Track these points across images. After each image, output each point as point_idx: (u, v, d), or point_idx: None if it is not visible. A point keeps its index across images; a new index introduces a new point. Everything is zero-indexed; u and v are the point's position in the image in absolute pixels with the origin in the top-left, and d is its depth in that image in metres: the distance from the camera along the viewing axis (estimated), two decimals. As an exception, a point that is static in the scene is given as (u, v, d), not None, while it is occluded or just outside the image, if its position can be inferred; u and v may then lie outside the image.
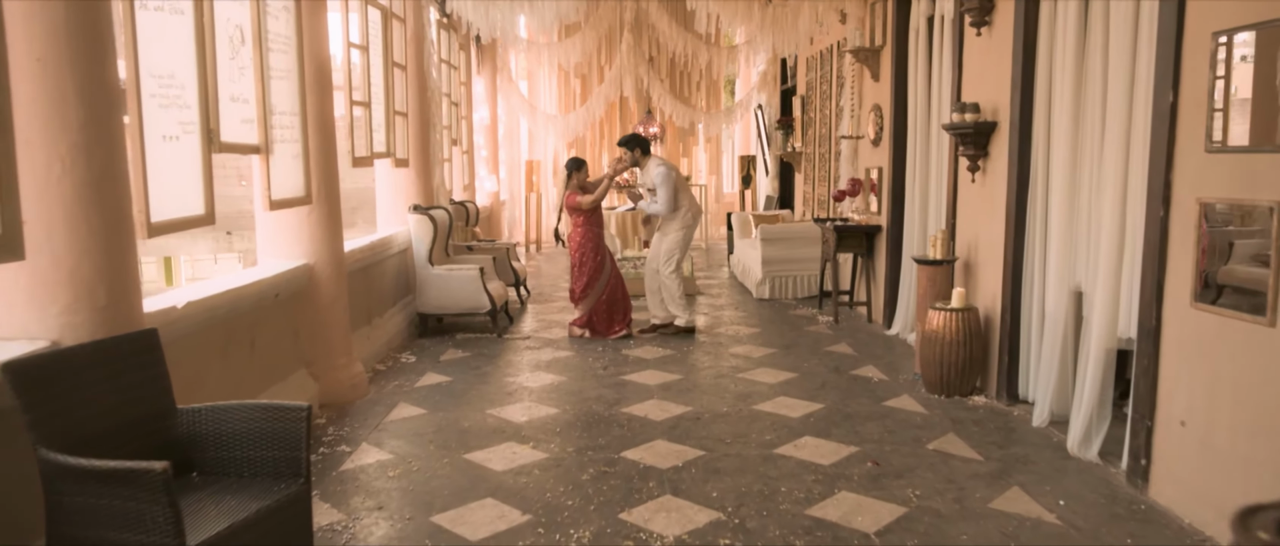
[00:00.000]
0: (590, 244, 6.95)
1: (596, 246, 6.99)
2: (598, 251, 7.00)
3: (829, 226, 7.56)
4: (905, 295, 6.85)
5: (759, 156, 13.23)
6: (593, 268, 6.96)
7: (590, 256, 6.95)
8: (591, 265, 6.96)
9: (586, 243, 6.93)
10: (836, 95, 8.71)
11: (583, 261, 6.94)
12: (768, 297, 8.72)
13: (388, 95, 6.68)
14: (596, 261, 6.98)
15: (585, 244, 6.93)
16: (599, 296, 6.99)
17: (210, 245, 19.63)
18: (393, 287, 6.99)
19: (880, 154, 7.34)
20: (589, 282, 6.96)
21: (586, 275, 6.94)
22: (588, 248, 6.94)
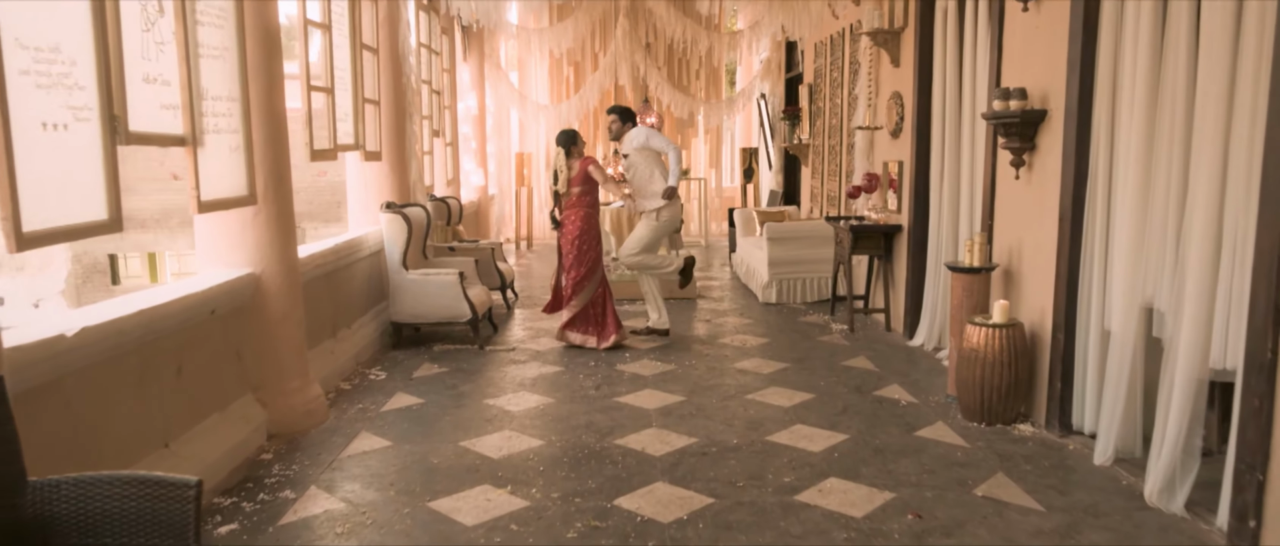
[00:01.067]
0: (591, 233, 6.30)
1: (596, 238, 6.35)
2: (597, 243, 6.35)
3: (843, 226, 6.90)
4: (931, 303, 6.20)
5: (762, 149, 12.56)
6: (592, 260, 6.31)
7: (590, 246, 6.29)
8: (591, 257, 6.30)
9: (587, 229, 6.29)
10: (850, 83, 8.04)
11: (583, 252, 6.28)
12: (775, 302, 8.06)
13: (356, 81, 6.00)
14: (595, 254, 6.33)
15: (587, 232, 6.28)
16: (593, 294, 6.34)
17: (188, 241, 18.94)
18: (363, 294, 6.32)
19: (900, 146, 6.68)
20: (586, 276, 6.29)
21: (585, 266, 6.28)
22: (589, 236, 6.29)
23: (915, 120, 6.30)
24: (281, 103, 4.44)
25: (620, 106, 6.59)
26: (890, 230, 6.77)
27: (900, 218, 6.71)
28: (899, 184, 6.69)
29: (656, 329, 6.62)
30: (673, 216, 6.48)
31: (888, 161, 6.94)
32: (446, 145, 9.01)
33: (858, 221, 6.99)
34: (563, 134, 6.36)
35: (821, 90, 9.29)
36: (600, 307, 6.34)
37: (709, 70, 12.60)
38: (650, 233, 6.45)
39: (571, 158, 6.29)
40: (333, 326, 5.66)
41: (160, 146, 3.48)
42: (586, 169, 6.21)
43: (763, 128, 12.27)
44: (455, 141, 9.50)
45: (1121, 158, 3.87)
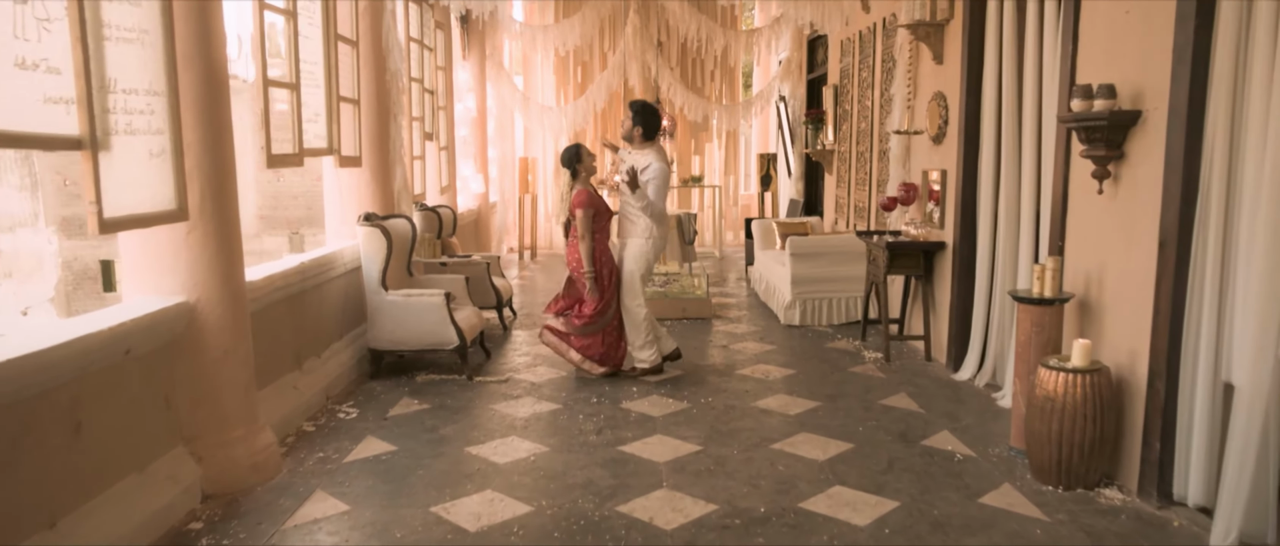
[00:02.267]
0: (604, 265, 5.59)
1: (611, 267, 5.64)
2: (611, 272, 5.63)
3: (878, 242, 6.15)
4: (980, 332, 5.44)
5: (781, 155, 11.81)
6: (609, 293, 5.59)
7: (605, 275, 5.57)
8: (607, 289, 5.58)
9: (606, 251, 5.59)
10: (882, 82, 7.29)
11: (605, 276, 5.57)
12: (798, 324, 7.31)
13: (329, 76, 5.29)
14: (611, 285, 5.61)
15: (603, 264, 5.57)
16: (610, 322, 5.63)
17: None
18: (337, 317, 5.61)
19: (943, 153, 5.93)
20: (602, 309, 5.58)
21: (604, 299, 5.57)
22: (604, 268, 5.57)
23: (962, 124, 5.55)
24: (223, 99, 3.74)
25: (645, 104, 5.74)
26: (931, 247, 6.02)
27: (943, 234, 5.95)
28: (942, 196, 5.94)
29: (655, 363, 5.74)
30: (654, 248, 5.68)
31: (928, 170, 6.19)
32: (440, 149, 8.31)
33: (894, 237, 6.24)
34: (567, 151, 5.64)
35: (848, 91, 8.54)
36: (615, 335, 5.63)
37: (725, 70, 11.87)
38: (634, 265, 5.64)
39: (577, 179, 5.57)
40: (297, 356, 4.94)
41: (44, 150, 2.77)
42: (575, 207, 5.48)
43: (782, 132, 11.53)
44: (452, 145, 8.81)
45: (1249, 169, 3.12)
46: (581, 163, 5.56)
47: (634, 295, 5.64)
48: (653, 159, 5.60)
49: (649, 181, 5.53)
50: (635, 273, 5.62)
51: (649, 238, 5.61)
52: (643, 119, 5.66)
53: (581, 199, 5.45)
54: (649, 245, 5.63)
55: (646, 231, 5.59)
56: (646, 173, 5.55)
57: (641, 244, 5.61)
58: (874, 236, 6.45)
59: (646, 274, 5.71)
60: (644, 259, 5.64)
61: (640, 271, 5.65)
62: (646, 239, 5.61)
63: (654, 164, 5.58)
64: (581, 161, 5.56)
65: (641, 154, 5.63)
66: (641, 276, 5.65)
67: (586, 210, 5.44)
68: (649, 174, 5.55)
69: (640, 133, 5.66)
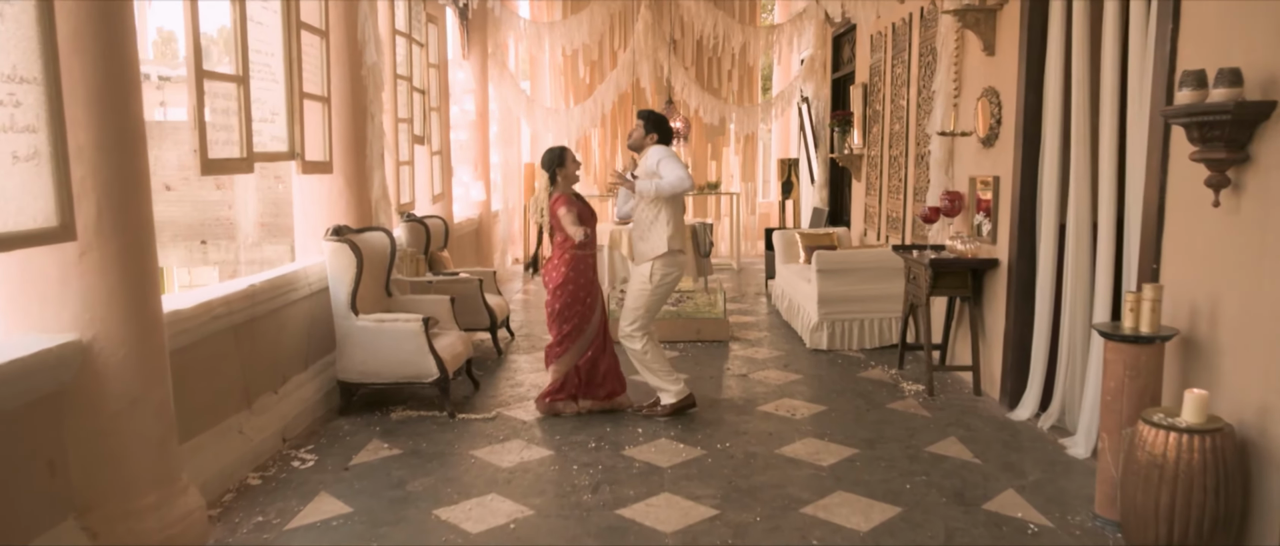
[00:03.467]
0: (581, 279, 4.85)
1: (589, 284, 4.89)
2: (590, 291, 4.90)
3: (919, 259, 5.39)
4: (1041, 364, 4.68)
5: (803, 160, 11.06)
6: (580, 314, 4.87)
7: (580, 297, 4.85)
8: (580, 310, 4.86)
9: (575, 277, 4.84)
10: (920, 78, 6.54)
11: (569, 305, 4.84)
12: (825, 348, 6.55)
13: (290, 70, 4.61)
14: (587, 305, 4.88)
15: (572, 279, 4.83)
16: (582, 354, 4.90)
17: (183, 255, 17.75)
18: (301, 346, 4.91)
19: (996, 157, 5.17)
20: (572, 334, 4.86)
21: (572, 322, 4.85)
22: (578, 284, 4.84)
23: (1021, 123, 4.79)
24: (132, 92, 3.04)
25: (653, 113, 5.02)
26: (980, 265, 5.25)
27: (995, 250, 5.19)
28: (993, 206, 5.17)
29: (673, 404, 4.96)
30: (671, 273, 4.94)
31: (976, 177, 5.43)
32: (433, 154, 7.62)
33: (937, 253, 5.48)
34: (550, 153, 4.92)
35: (879, 90, 7.79)
36: (586, 369, 4.90)
37: (743, 70, 11.13)
38: (645, 296, 4.91)
39: (556, 185, 4.86)
40: (246, 394, 4.25)
41: None
42: (556, 212, 4.79)
43: (804, 135, 10.78)
44: (446, 150, 8.12)
45: None
46: (563, 168, 4.84)
47: (633, 329, 4.90)
48: (658, 151, 4.89)
49: (660, 161, 4.81)
50: (645, 299, 4.89)
51: (668, 253, 4.85)
52: (655, 125, 4.95)
53: (561, 199, 4.77)
54: (666, 264, 4.87)
55: (665, 245, 4.84)
56: (652, 159, 4.85)
57: (657, 263, 4.86)
58: (913, 252, 5.69)
59: (653, 309, 4.96)
60: (660, 282, 4.88)
61: (656, 297, 4.91)
62: (665, 255, 4.85)
63: (660, 151, 4.87)
64: (564, 166, 4.84)
65: (650, 155, 4.91)
66: (644, 311, 4.91)
67: (569, 207, 4.74)
68: (655, 157, 4.84)
69: (655, 139, 4.95)
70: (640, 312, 4.91)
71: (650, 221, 4.88)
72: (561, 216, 4.75)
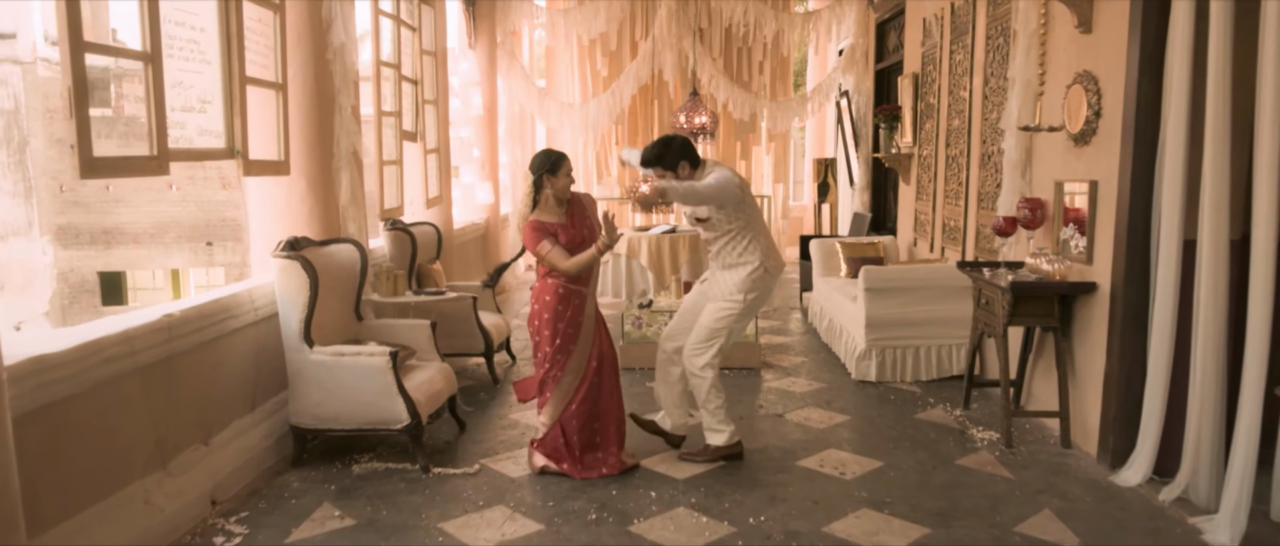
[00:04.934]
0: (562, 311, 3.93)
1: (571, 317, 3.96)
2: (572, 323, 3.97)
3: (994, 280, 4.44)
4: (1156, 416, 3.73)
5: (841, 159, 10.10)
6: (562, 348, 3.95)
7: (560, 329, 3.93)
8: (559, 342, 3.94)
9: (553, 307, 3.92)
10: (988, 64, 5.58)
11: (547, 339, 3.93)
12: (873, 379, 5.62)
13: (229, 48, 3.77)
14: (566, 336, 3.95)
15: (549, 309, 3.92)
16: (570, 398, 3.99)
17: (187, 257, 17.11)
18: (244, 383, 4.07)
19: (1093, 157, 4.22)
20: (551, 370, 3.95)
21: (549, 360, 3.94)
22: (557, 316, 3.92)
23: (1132, 116, 3.83)
24: None
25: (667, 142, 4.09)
26: (1071, 289, 4.29)
27: (1091, 271, 4.23)
28: (1089, 217, 4.22)
29: (724, 449, 4.15)
30: (761, 293, 4.11)
31: (1063, 181, 4.48)
32: (428, 153, 6.77)
33: (1014, 272, 4.53)
34: (542, 156, 3.97)
35: (933, 81, 6.83)
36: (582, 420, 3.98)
37: (776, 61, 10.18)
38: (728, 318, 4.06)
39: (535, 200, 3.94)
40: (160, 451, 3.41)
41: None
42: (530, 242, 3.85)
43: (842, 133, 9.82)
44: (444, 148, 7.27)
45: None
46: (554, 178, 3.91)
47: (706, 352, 4.07)
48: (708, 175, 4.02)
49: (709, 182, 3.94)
50: (729, 322, 4.06)
51: (752, 272, 4.03)
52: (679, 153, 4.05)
53: (532, 232, 3.84)
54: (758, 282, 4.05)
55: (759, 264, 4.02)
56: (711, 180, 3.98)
57: (747, 280, 4.02)
58: (984, 270, 4.74)
59: (735, 334, 4.13)
60: (749, 302, 4.06)
61: (742, 321, 4.10)
62: (749, 273, 4.03)
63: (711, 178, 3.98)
64: (555, 176, 3.91)
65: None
66: (725, 335, 4.08)
67: (543, 234, 3.83)
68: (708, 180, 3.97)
69: (688, 167, 4.08)
70: (720, 338, 4.07)
71: (739, 248, 4.06)
72: (542, 252, 3.82)
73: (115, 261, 16.23)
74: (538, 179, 3.89)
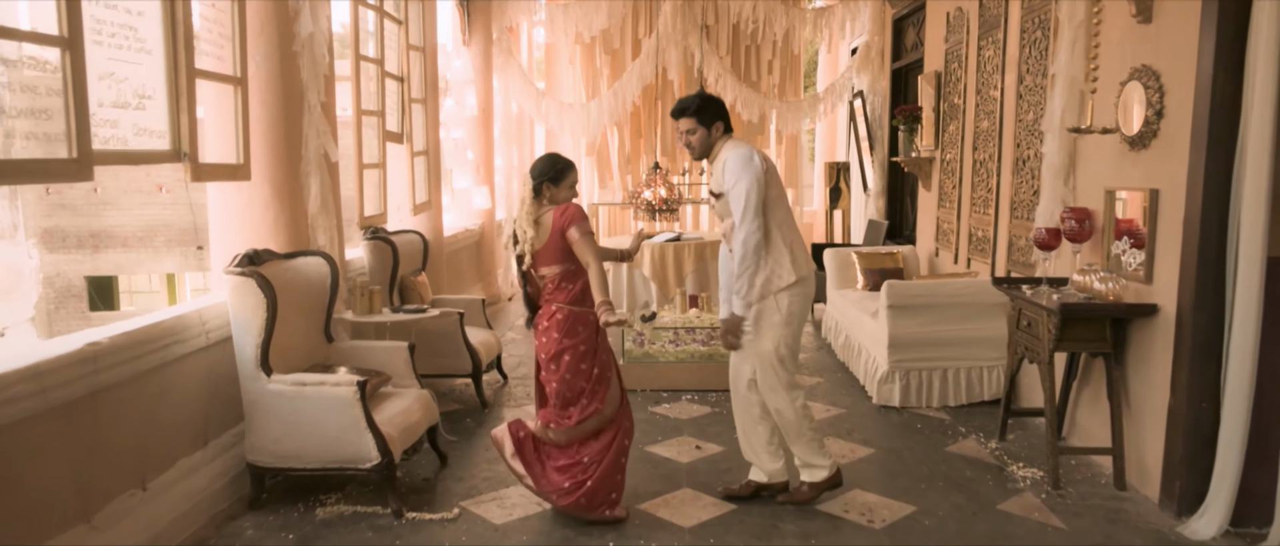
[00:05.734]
0: (597, 337, 3.48)
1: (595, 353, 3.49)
2: (606, 347, 3.52)
3: (1038, 298, 3.96)
4: (1233, 460, 3.25)
5: (854, 163, 9.63)
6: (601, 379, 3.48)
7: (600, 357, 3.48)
8: (598, 372, 3.48)
9: (592, 335, 3.46)
10: (1023, 61, 5.10)
11: (580, 373, 3.45)
12: (896, 404, 5.14)
13: (174, 35, 3.30)
14: (604, 363, 3.50)
15: (584, 340, 3.45)
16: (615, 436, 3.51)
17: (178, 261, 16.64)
18: (195, 416, 3.60)
19: (1153, 162, 3.74)
20: (591, 410, 3.47)
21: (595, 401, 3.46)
22: (591, 343, 3.46)
23: (1206, 117, 3.35)
24: None
25: (703, 98, 3.60)
26: (1127, 312, 3.81)
27: (1150, 291, 3.75)
28: (1149, 230, 3.74)
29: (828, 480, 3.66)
30: (799, 303, 3.56)
31: (1116, 189, 4.00)
32: (415, 155, 6.30)
33: (1056, 288, 4.05)
34: (545, 161, 3.50)
35: (958, 79, 6.35)
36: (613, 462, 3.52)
37: (786, 59, 9.71)
38: (780, 336, 3.52)
39: (543, 201, 3.47)
40: (84, 501, 2.93)
41: None
42: (565, 229, 3.38)
43: (855, 135, 9.34)
44: (434, 150, 6.80)
45: None
46: (557, 186, 3.44)
47: (780, 384, 3.54)
48: (727, 155, 3.51)
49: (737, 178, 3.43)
50: (783, 339, 3.53)
51: (788, 288, 3.50)
52: (713, 111, 3.56)
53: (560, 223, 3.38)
54: (791, 294, 3.51)
55: (789, 273, 3.50)
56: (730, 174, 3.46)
57: (781, 297, 3.51)
58: (1024, 288, 4.26)
59: (794, 346, 3.59)
60: (790, 313, 3.53)
61: (794, 332, 3.56)
62: (785, 290, 3.50)
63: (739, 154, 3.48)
64: (558, 184, 3.44)
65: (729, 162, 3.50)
66: (786, 353, 3.55)
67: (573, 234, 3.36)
68: (732, 169, 3.45)
69: (722, 130, 3.58)
70: (786, 356, 3.54)
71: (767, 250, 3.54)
72: (573, 237, 3.36)
73: (104, 266, 15.79)
74: (538, 186, 3.41)
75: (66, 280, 15.65)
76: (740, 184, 3.39)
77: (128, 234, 15.65)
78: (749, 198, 3.38)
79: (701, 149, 3.57)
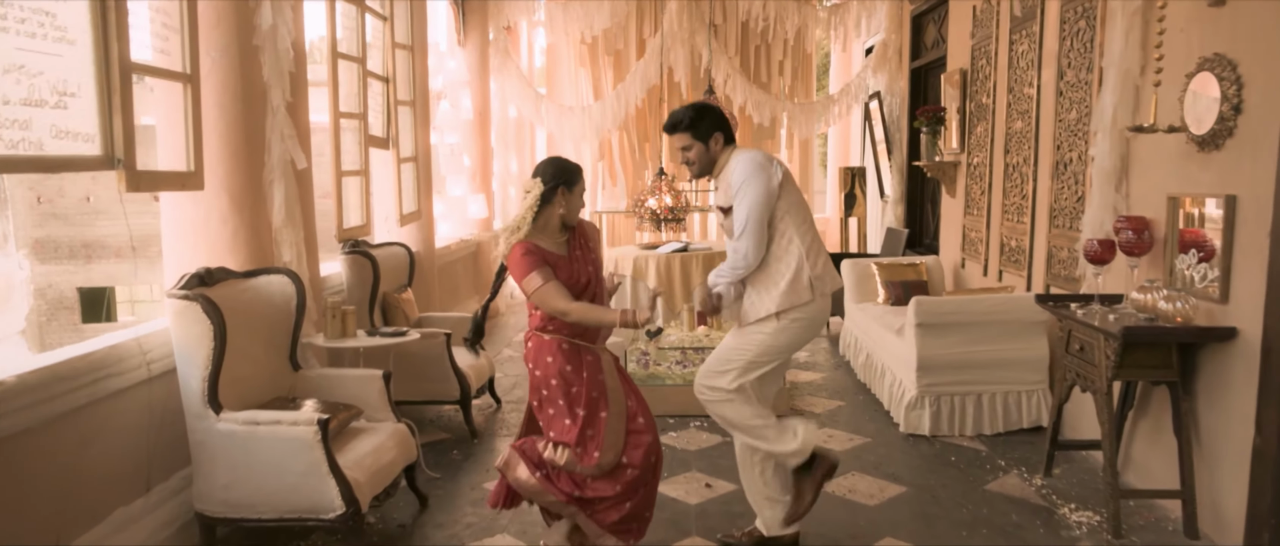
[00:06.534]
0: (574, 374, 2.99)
1: (589, 379, 3.02)
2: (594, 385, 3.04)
3: (1090, 320, 3.49)
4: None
5: (871, 168, 9.17)
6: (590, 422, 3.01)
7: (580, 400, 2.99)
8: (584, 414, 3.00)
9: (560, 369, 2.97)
10: (1063, 54, 4.64)
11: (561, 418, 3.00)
12: (926, 433, 4.67)
13: (104, 22, 2.86)
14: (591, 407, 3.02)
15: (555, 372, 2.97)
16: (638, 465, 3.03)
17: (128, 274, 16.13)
18: (134, 460, 3.17)
19: (1227, 166, 3.27)
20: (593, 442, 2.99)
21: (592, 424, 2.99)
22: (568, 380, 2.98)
23: (1297, 110, 2.89)
24: None
25: (701, 108, 3.14)
26: (1197, 336, 3.34)
27: (1229, 312, 3.28)
28: (1224, 243, 3.27)
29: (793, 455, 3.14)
30: (803, 325, 3.11)
31: (1180, 196, 3.54)
32: (402, 162, 5.86)
33: (1109, 307, 3.58)
34: (551, 164, 3.01)
35: (986, 76, 5.90)
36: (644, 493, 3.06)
37: (798, 58, 9.26)
38: (750, 350, 3.09)
39: (544, 209, 2.97)
40: (-13, 570, 2.49)
41: None
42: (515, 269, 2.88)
43: (871, 138, 8.89)
44: (425, 156, 6.35)
45: None
46: (571, 188, 2.99)
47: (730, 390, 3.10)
48: (734, 163, 3.06)
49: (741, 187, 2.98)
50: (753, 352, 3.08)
51: (784, 312, 3.05)
52: (713, 122, 3.10)
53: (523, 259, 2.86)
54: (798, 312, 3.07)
55: (806, 291, 3.05)
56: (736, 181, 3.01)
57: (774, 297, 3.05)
58: (1074, 305, 3.79)
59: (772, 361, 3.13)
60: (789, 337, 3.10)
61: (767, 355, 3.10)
62: (780, 313, 3.05)
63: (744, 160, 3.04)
64: (572, 185, 2.99)
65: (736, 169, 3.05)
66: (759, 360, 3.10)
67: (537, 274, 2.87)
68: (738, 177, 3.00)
69: (723, 141, 3.13)
70: (738, 366, 3.09)
71: (774, 257, 3.06)
72: (533, 287, 2.85)
73: (97, 276, 15.40)
74: (551, 191, 2.94)
75: (58, 292, 15.27)
76: (746, 192, 2.95)
77: (120, 244, 15.26)
78: (752, 210, 2.95)
79: (702, 165, 3.13)
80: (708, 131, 3.08)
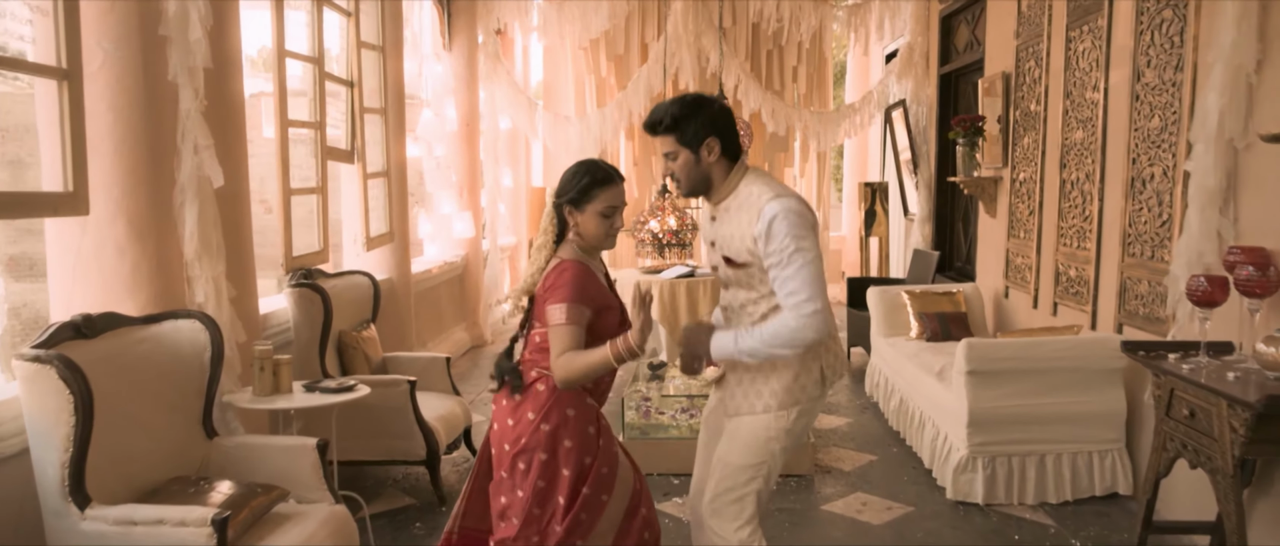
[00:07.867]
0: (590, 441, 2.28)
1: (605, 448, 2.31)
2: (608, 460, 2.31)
3: (1196, 378, 2.75)
4: None
5: (894, 183, 8.44)
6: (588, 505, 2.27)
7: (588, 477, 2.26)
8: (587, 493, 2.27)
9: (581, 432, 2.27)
10: (1140, 52, 3.90)
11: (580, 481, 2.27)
12: (980, 501, 3.92)
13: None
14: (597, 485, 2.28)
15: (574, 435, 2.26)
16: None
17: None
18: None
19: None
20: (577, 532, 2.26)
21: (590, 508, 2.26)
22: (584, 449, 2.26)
23: None
24: None
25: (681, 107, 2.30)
26: (1350, 402, 2.60)
27: (1393, 375, 2.54)
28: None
29: None
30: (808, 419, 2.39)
31: (1318, 223, 2.80)
32: (369, 177, 5.14)
33: (1220, 358, 2.84)
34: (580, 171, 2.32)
35: (1035, 79, 5.18)
36: None
37: (813, 65, 8.54)
38: (759, 474, 2.34)
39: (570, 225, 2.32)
40: None
41: None
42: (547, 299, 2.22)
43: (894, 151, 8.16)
44: (398, 171, 5.64)
45: None
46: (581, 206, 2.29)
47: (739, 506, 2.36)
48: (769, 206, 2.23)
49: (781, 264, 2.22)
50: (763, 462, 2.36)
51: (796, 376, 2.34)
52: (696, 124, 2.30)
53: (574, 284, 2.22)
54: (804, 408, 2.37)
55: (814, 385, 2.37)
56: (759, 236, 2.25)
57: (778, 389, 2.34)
58: (1173, 358, 3.05)
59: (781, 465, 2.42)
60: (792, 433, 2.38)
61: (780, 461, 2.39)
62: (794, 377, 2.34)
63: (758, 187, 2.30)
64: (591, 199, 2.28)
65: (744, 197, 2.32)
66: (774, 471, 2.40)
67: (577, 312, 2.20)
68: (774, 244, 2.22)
69: (718, 148, 2.33)
70: (755, 485, 2.36)
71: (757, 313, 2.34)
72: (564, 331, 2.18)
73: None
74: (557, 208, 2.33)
75: (33, 311, 14.58)
76: (801, 254, 2.18)
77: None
78: (814, 271, 2.21)
79: (689, 181, 2.34)
80: (699, 135, 2.29)
